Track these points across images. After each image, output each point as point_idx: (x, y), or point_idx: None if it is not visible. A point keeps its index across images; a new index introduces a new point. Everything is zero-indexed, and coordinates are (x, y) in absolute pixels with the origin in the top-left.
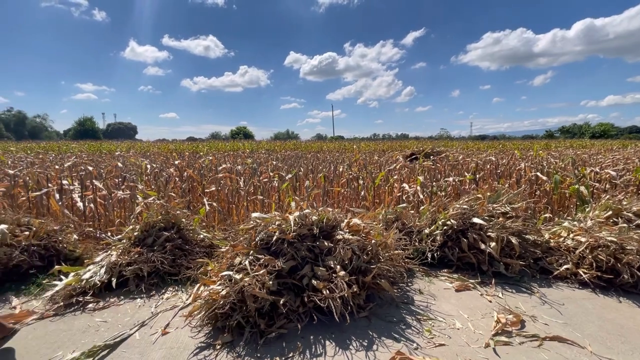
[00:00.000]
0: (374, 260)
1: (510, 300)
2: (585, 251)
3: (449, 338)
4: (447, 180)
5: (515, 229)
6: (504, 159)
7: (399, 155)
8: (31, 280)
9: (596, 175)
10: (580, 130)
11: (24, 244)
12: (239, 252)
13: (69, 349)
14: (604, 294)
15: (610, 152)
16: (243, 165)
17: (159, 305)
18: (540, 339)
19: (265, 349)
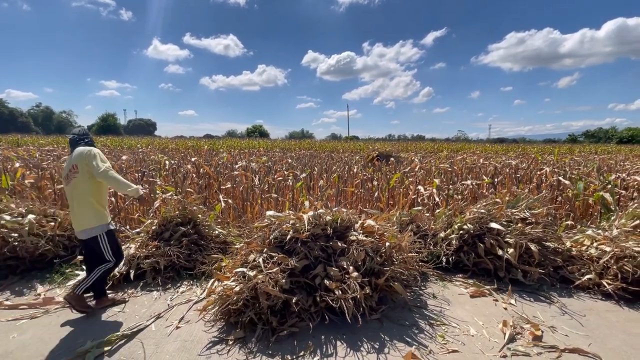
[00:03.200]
0: (387, 263)
1: (528, 309)
2: (609, 261)
3: (463, 345)
4: (464, 183)
5: (535, 236)
6: (524, 163)
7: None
8: (55, 269)
9: (623, 182)
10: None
11: (50, 234)
12: (253, 249)
13: (89, 337)
14: (629, 306)
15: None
16: (258, 163)
17: (174, 299)
18: (559, 351)
19: (277, 346)
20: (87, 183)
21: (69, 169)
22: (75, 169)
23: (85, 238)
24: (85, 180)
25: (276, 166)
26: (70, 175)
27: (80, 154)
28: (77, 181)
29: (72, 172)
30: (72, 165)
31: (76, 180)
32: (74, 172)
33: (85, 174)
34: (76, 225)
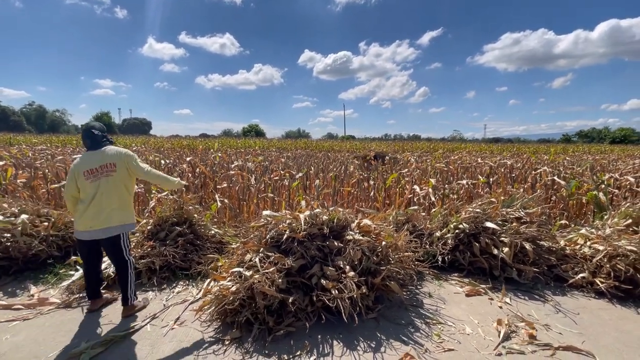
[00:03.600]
0: (383, 262)
1: (522, 307)
2: (602, 260)
3: (459, 343)
4: (459, 182)
5: (530, 235)
6: (518, 163)
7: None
8: (49, 270)
9: (616, 182)
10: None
11: (43, 234)
12: (249, 249)
13: (83, 338)
14: (622, 304)
15: (632, 158)
16: (254, 163)
17: (170, 299)
18: (553, 349)
19: (273, 346)
20: (124, 182)
21: (98, 165)
22: (112, 167)
23: (105, 237)
24: (122, 180)
25: (272, 166)
26: (102, 172)
27: (118, 153)
28: (113, 179)
29: (106, 169)
30: (108, 164)
31: (112, 179)
32: (110, 170)
33: (125, 172)
34: (97, 224)
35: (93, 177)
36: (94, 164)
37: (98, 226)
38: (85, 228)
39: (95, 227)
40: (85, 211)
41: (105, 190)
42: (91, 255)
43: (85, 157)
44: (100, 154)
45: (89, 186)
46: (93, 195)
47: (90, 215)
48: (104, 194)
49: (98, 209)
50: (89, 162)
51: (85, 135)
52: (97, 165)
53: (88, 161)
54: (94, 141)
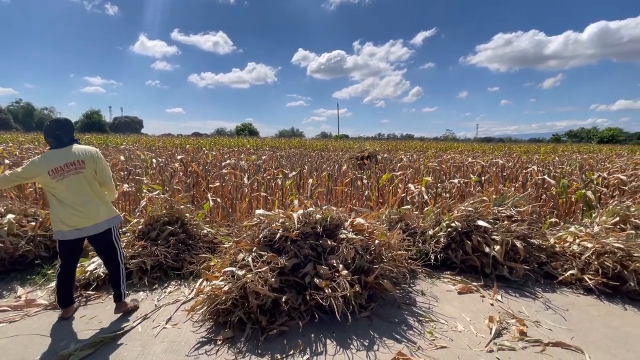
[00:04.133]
0: (376, 260)
1: (513, 304)
2: (591, 257)
3: (451, 340)
4: (452, 181)
5: (521, 233)
6: (510, 162)
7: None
8: (36, 271)
9: (604, 180)
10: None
11: (30, 234)
12: (242, 248)
13: (72, 340)
14: (610, 301)
15: (619, 157)
16: (247, 162)
17: (162, 299)
18: (543, 345)
19: (266, 345)
20: (92, 180)
21: (64, 163)
22: (81, 164)
23: (97, 232)
24: (90, 177)
25: (265, 164)
26: (70, 169)
27: (89, 152)
28: (83, 176)
29: (75, 167)
30: (76, 161)
31: (81, 176)
32: (79, 167)
33: (91, 172)
34: (84, 221)
35: (59, 176)
36: (58, 162)
37: (86, 223)
38: (71, 227)
39: (82, 225)
40: (65, 210)
41: (77, 188)
42: (73, 257)
43: (51, 155)
44: (65, 152)
45: (59, 185)
46: (67, 193)
47: (72, 213)
48: (76, 191)
49: (78, 205)
50: (53, 161)
51: (49, 133)
52: (63, 163)
53: (51, 160)
54: (58, 136)
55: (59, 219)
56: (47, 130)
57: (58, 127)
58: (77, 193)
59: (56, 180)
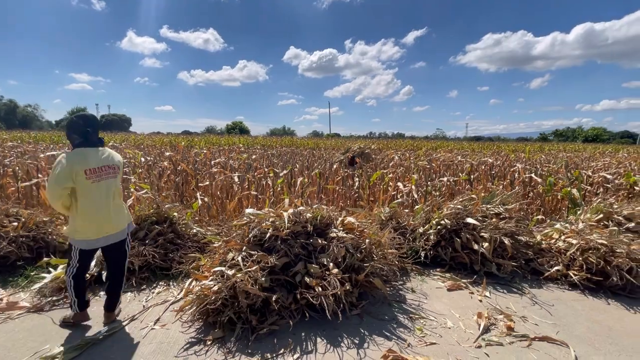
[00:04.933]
0: (367, 259)
1: (501, 300)
2: (576, 253)
3: (440, 337)
4: (441, 180)
5: (508, 230)
6: (498, 161)
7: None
8: (19, 272)
9: (588, 178)
10: (573, 134)
11: (12, 235)
12: (231, 247)
13: (56, 342)
14: (593, 295)
15: (603, 156)
16: (238, 160)
17: (150, 300)
18: (530, 339)
19: (256, 345)
20: (118, 185)
21: (101, 165)
22: (116, 170)
23: (117, 241)
24: (118, 183)
25: (256, 163)
26: (109, 173)
27: (119, 158)
28: (114, 182)
29: (113, 171)
30: (114, 166)
31: (113, 181)
32: (115, 172)
33: (119, 178)
34: (113, 228)
35: (96, 177)
36: (95, 162)
37: (114, 230)
38: (100, 235)
39: (111, 232)
40: (96, 215)
41: (110, 193)
42: (90, 260)
43: (84, 153)
44: (100, 153)
45: (93, 187)
46: (100, 197)
47: (104, 219)
48: (109, 196)
49: (109, 212)
50: (88, 160)
51: (76, 129)
52: (100, 165)
53: (88, 159)
54: (87, 138)
55: (87, 226)
56: (74, 126)
57: (86, 124)
58: (109, 197)
59: (92, 182)
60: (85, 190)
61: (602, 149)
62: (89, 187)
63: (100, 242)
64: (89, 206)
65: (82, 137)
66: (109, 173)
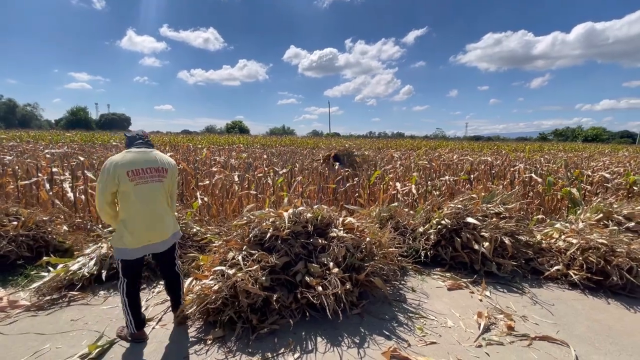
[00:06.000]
0: (367, 258)
1: (501, 299)
2: (576, 253)
3: (440, 336)
4: (441, 179)
5: (509, 230)
6: (498, 160)
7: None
8: (19, 271)
9: (588, 178)
10: (573, 134)
11: (12, 234)
12: (232, 247)
13: (56, 342)
14: (593, 295)
15: (603, 155)
16: (237, 160)
17: (150, 299)
18: (530, 339)
19: (257, 344)
20: (167, 191)
21: (147, 167)
22: (164, 173)
23: (169, 246)
24: (167, 188)
25: (256, 162)
26: (154, 176)
27: (171, 162)
28: (162, 186)
29: (159, 174)
30: (161, 168)
31: (161, 185)
32: (162, 175)
33: (169, 183)
34: (157, 236)
35: (139, 179)
36: (139, 163)
37: (156, 239)
38: (140, 244)
39: (153, 241)
40: (138, 222)
41: (156, 198)
42: (140, 271)
43: (129, 154)
44: (147, 154)
45: (136, 191)
46: (143, 202)
47: (145, 226)
48: (156, 201)
49: (154, 218)
50: (133, 161)
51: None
52: (145, 167)
53: (130, 159)
54: (142, 143)
55: (126, 233)
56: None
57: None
58: (154, 203)
59: (135, 184)
60: (126, 194)
61: (602, 148)
62: (130, 189)
63: (139, 252)
64: (130, 211)
65: (131, 140)
66: (154, 176)
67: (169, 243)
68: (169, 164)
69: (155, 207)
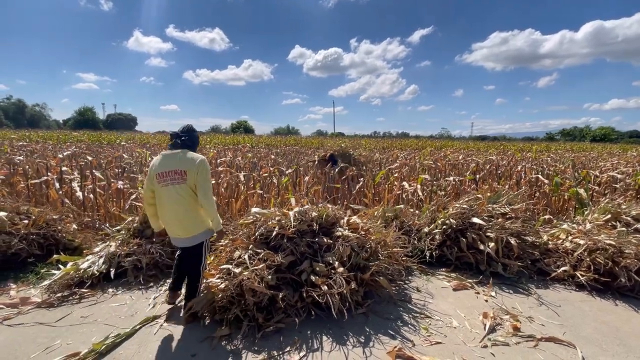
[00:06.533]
0: (372, 258)
1: (507, 300)
2: (583, 254)
3: (446, 336)
4: (447, 179)
5: (515, 230)
6: (504, 160)
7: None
8: (30, 269)
9: (596, 178)
10: (580, 134)
11: (23, 233)
12: (238, 246)
13: (66, 339)
14: (601, 296)
15: (611, 156)
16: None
17: (157, 297)
18: (536, 340)
19: (263, 342)
20: (192, 192)
21: (170, 170)
22: (183, 175)
23: (189, 245)
24: (191, 189)
25: (262, 162)
26: (174, 179)
27: (193, 161)
28: (182, 187)
29: (180, 176)
30: (180, 171)
31: (180, 187)
32: (181, 177)
33: (192, 183)
34: (181, 232)
35: (163, 181)
36: (165, 166)
37: (181, 235)
38: (172, 235)
39: (180, 236)
40: (164, 218)
41: (178, 198)
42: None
43: (162, 157)
44: (172, 157)
45: (163, 191)
46: (167, 202)
47: (169, 222)
48: (178, 202)
49: (171, 217)
50: (162, 164)
51: (171, 134)
52: (167, 170)
53: (162, 163)
54: (174, 139)
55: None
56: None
57: (182, 129)
58: (173, 204)
59: (161, 186)
60: (158, 193)
61: (610, 148)
62: (160, 191)
63: (173, 241)
64: (160, 209)
65: (173, 138)
66: (174, 179)
67: (195, 241)
68: (190, 164)
69: (173, 207)
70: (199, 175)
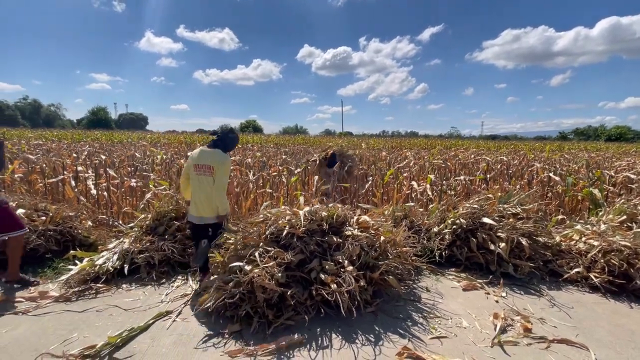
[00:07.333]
0: (382, 257)
1: (518, 301)
2: (597, 255)
3: (456, 336)
4: (457, 179)
5: (526, 230)
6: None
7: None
8: (47, 264)
9: (611, 178)
10: (595, 133)
11: (41, 229)
12: (248, 244)
13: (83, 332)
14: (615, 299)
15: (627, 155)
16: (253, 159)
17: (169, 293)
18: (548, 341)
19: (273, 339)
20: (212, 182)
21: (203, 164)
22: (211, 170)
23: (201, 223)
24: (213, 180)
25: (270, 161)
26: (205, 171)
27: (219, 159)
28: (209, 179)
29: (209, 169)
30: (209, 166)
31: (204, 179)
32: (208, 170)
33: (217, 175)
34: (201, 212)
35: (196, 172)
36: (200, 160)
37: (200, 214)
38: (191, 213)
39: (197, 214)
40: (193, 198)
41: (203, 187)
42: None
43: (200, 151)
44: (207, 154)
45: (195, 179)
46: (197, 187)
47: (195, 202)
48: (203, 189)
49: (198, 199)
50: (199, 158)
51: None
52: (201, 163)
53: (200, 156)
54: (215, 139)
55: (192, 204)
56: None
57: (219, 130)
58: (201, 190)
59: (195, 174)
60: (192, 178)
61: (626, 148)
62: (193, 178)
63: (191, 218)
64: (193, 190)
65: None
66: (204, 171)
67: (205, 221)
68: (218, 162)
69: (201, 193)
70: (219, 171)
